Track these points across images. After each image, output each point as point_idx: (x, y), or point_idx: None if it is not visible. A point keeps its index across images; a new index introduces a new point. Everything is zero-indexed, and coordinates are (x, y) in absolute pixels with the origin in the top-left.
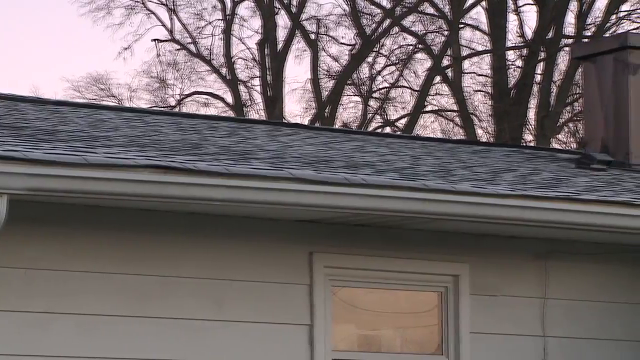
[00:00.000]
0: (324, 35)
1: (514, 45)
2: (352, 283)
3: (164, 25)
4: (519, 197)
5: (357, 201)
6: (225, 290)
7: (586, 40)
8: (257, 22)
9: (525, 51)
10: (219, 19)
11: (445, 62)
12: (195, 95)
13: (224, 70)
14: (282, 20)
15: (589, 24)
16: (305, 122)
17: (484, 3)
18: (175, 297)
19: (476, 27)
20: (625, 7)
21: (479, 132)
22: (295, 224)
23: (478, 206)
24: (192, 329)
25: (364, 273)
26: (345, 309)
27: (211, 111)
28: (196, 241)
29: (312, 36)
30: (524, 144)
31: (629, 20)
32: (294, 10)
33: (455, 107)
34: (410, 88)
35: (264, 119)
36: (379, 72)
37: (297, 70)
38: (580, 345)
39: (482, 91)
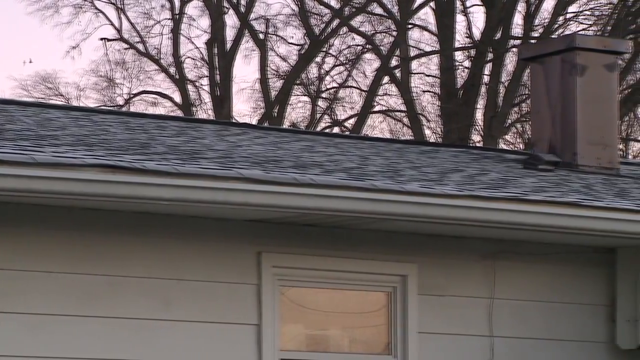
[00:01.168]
0: (272, 35)
1: (462, 46)
2: (301, 283)
3: (112, 24)
4: (466, 197)
5: (305, 201)
6: (173, 290)
7: (534, 41)
8: (205, 22)
9: (473, 52)
10: (167, 18)
11: (394, 62)
12: (143, 95)
13: (172, 70)
14: (231, 20)
15: (537, 25)
16: (254, 121)
17: (432, 4)
18: (122, 297)
19: (424, 28)
20: (572, 8)
21: (427, 132)
22: (244, 224)
23: (426, 206)
24: (140, 328)
25: (312, 273)
26: (294, 309)
27: (159, 110)
28: (144, 241)
29: (261, 36)
30: (472, 145)
31: (577, 21)
32: (242, 10)
33: (403, 108)
34: (358, 88)
35: (213, 118)
36: (327, 72)
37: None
38: (526, 346)
39: (430, 92)
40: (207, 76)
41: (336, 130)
